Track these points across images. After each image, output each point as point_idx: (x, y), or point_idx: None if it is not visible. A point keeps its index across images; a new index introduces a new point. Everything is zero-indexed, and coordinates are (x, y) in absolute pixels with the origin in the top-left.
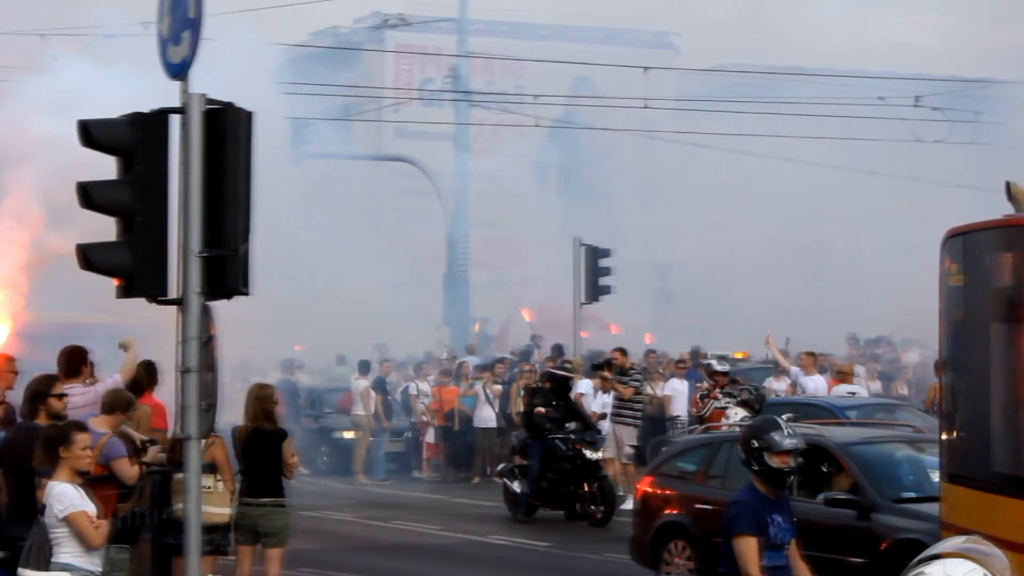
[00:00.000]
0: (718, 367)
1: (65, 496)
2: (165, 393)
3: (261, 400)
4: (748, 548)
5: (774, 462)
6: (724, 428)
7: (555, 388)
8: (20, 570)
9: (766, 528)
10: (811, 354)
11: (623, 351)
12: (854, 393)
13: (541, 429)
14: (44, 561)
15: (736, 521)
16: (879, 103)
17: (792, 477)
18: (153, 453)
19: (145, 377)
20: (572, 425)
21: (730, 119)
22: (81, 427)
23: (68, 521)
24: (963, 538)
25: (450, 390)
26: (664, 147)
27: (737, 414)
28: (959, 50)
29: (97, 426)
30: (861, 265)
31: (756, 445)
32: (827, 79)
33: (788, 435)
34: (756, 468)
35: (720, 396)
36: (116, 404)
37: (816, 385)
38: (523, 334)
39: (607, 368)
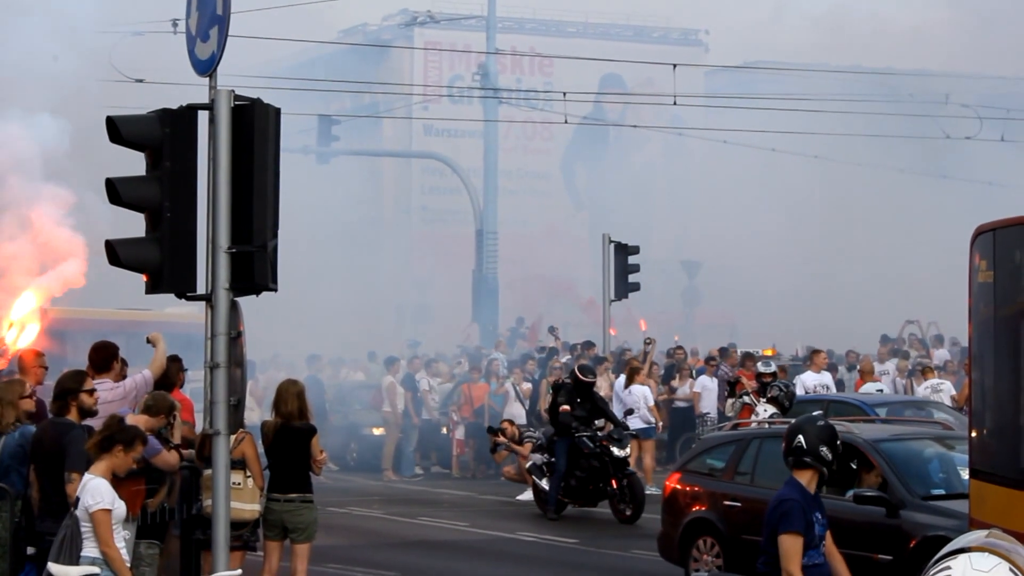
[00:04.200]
0: (763, 368)
1: (98, 491)
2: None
3: (291, 396)
4: (795, 547)
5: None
6: (754, 425)
7: (578, 386)
8: (49, 564)
9: (812, 527)
10: (818, 351)
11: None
12: (881, 391)
13: (567, 427)
14: (74, 554)
15: (789, 518)
16: (909, 100)
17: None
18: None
19: (174, 372)
20: (600, 422)
21: (758, 116)
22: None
23: (93, 517)
24: (985, 532)
25: (479, 387)
26: (693, 144)
27: (767, 411)
28: (989, 47)
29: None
30: (890, 262)
31: (839, 443)
32: (856, 76)
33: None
34: (826, 467)
35: (760, 399)
36: (160, 408)
37: (823, 381)
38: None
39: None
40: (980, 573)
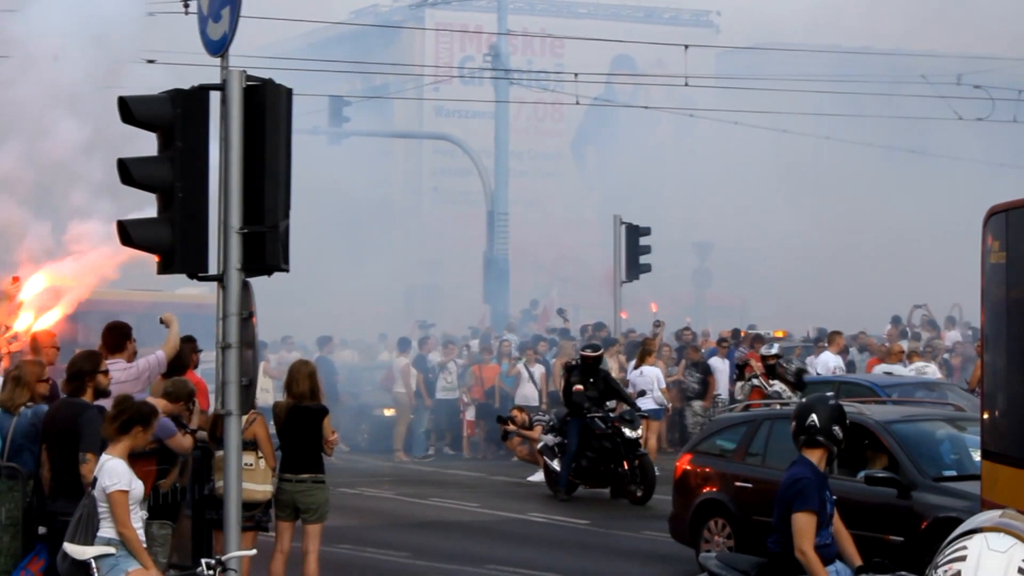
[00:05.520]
0: (765, 351)
1: (116, 472)
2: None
3: (302, 377)
4: (809, 525)
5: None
6: (775, 405)
7: (589, 366)
8: (65, 544)
9: (825, 505)
10: (838, 332)
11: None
12: (890, 373)
13: (580, 407)
14: (90, 534)
15: (804, 496)
16: (920, 81)
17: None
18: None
19: (188, 353)
20: (612, 403)
21: (770, 97)
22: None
23: (110, 498)
24: (999, 512)
25: (490, 368)
26: (704, 125)
27: (782, 390)
28: (1001, 28)
29: None
30: (901, 244)
31: (838, 422)
32: (868, 56)
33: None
34: (836, 447)
35: (769, 380)
36: (180, 394)
37: (841, 363)
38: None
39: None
40: (996, 553)
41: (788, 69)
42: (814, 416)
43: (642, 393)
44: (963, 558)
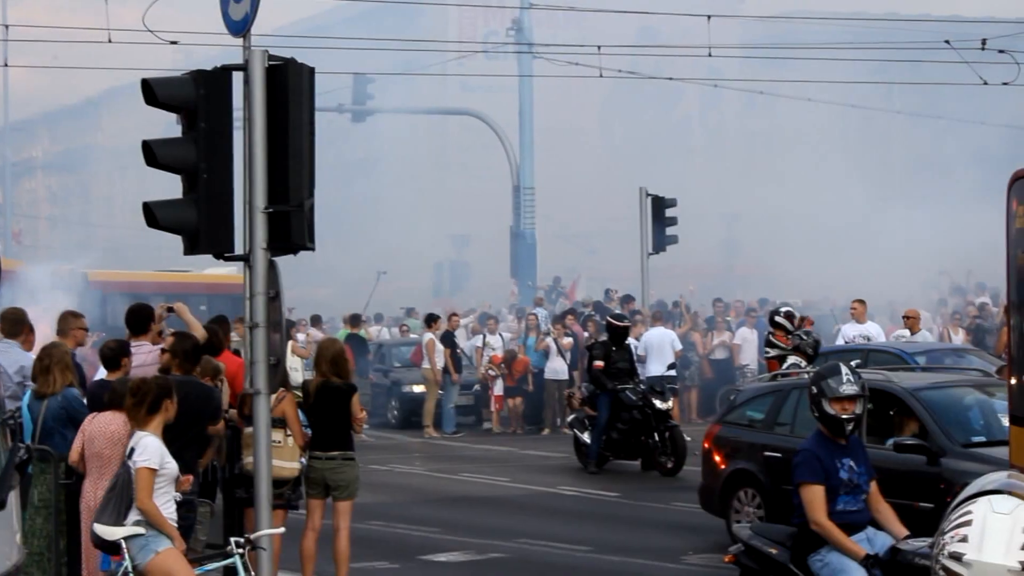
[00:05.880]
0: (778, 319)
1: (148, 449)
2: None
3: (331, 355)
4: (813, 495)
5: (831, 408)
6: (802, 375)
7: (613, 338)
8: (94, 524)
9: (835, 474)
10: (861, 301)
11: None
12: (902, 336)
13: (601, 383)
14: (122, 512)
15: (799, 469)
16: (945, 47)
17: (851, 424)
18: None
19: (220, 333)
20: (642, 375)
21: (794, 66)
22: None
23: (136, 472)
24: (1006, 473)
25: (521, 360)
26: (729, 95)
27: (799, 362)
28: None
29: None
30: (928, 211)
31: (815, 391)
32: (892, 23)
33: (847, 381)
34: (815, 415)
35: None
36: (205, 372)
37: (870, 331)
38: (594, 287)
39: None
40: (1001, 515)
41: (812, 38)
42: (814, 388)
43: (672, 365)
44: (969, 523)
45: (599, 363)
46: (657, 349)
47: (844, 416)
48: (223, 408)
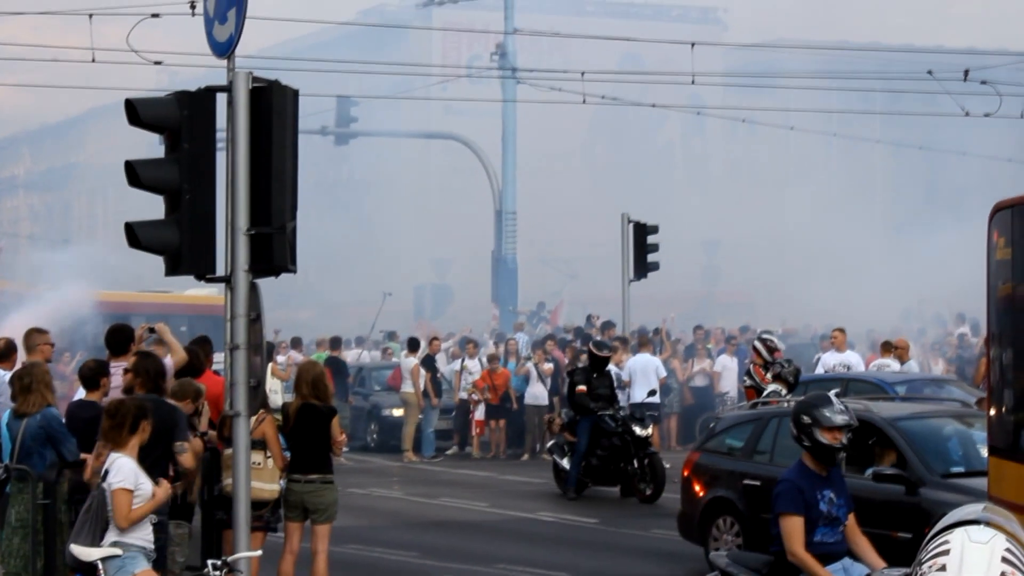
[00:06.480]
0: (756, 344)
1: (122, 470)
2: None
3: (311, 377)
4: (792, 527)
5: (824, 438)
6: (782, 403)
7: (594, 366)
8: (71, 545)
9: (816, 506)
10: (841, 330)
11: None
12: (888, 366)
13: (584, 408)
14: (97, 534)
15: (781, 499)
16: (927, 77)
17: (842, 454)
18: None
19: (202, 354)
20: (624, 402)
21: (777, 95)
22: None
23: (112, 495)
24: (981, 505)
25: (501, 373)
26: (712, 123)
27: (779, 390)
28: (1008, 23)
29: None
30: (909, 240)
31: (806, 421)
32: (875, 53)
33: (839, 411)
34: (806, 444)
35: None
36: (187, 393)
37: (850, 360)
38: (575, 312)
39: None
40: (979, 545)
41: (795, 66)
42: (795, 418)
43: (652, 392)
44: (946, 552)
45: (582, 387)
46: (642, 375)
47: (836, 445)
48: (203, 429)
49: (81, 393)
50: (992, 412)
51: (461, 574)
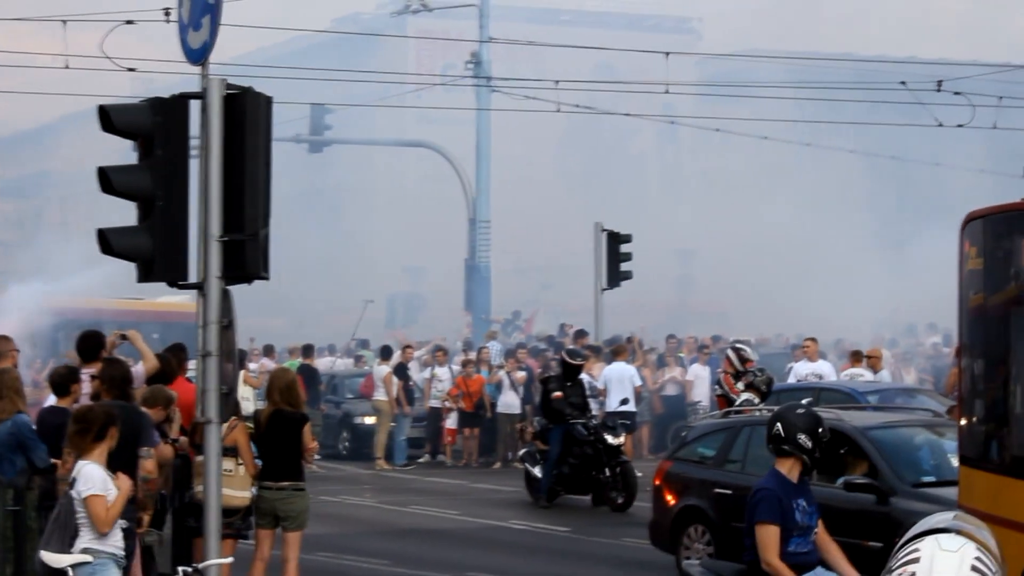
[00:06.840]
0: (728, 352)
1: (91, 478)
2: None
3: (282, 385)
4: (768, 536)
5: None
6: (754, 412)
7: (566, 374)
8: (41, 552)
9: (792, 516)
10: (813, 339)
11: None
12: (861, 376)
13: (560, 414)
14: (66, 541)
15: (760, 507)
16: (901, 88)
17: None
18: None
19: (175, 361)
20: (596, 410)
21: (751, 104)
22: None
23: (85, 503)
24: (951, 514)
25: (475, 379)
26: (685, 132)
27: (752, 399)
28: (982, 34)
29: None
30: (883, 250)
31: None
32: (849, 64)
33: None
34: (800, 452)
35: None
36: (158, 399)
37: (822, 370)
38: (549, 321)
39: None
40: (948, 553)
41: (769, 76)
42: (779, 425)
43: (625, 401)
44: (916, 559)
45: (558, 393)
46: (617, 383)
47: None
48: (175, 436)
49: (52, 399)
50: (963, 422)
51: None
